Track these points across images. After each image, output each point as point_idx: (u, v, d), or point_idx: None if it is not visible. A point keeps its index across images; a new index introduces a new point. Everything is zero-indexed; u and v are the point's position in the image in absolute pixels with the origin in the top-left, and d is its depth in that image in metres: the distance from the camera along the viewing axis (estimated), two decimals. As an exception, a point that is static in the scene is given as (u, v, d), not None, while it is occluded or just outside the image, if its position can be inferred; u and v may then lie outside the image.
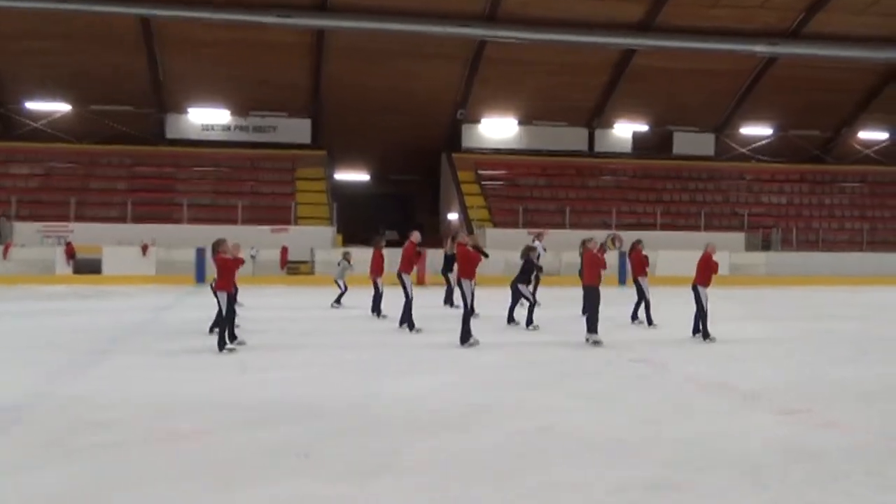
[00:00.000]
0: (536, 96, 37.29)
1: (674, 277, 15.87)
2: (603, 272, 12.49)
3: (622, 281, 26.02)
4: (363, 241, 33.98)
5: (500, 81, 36.26)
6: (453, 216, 37.55)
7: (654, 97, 37.92)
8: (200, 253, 27.93)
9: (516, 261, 15.11)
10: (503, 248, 26.64)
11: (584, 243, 13.21)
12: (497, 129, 39.09)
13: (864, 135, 41.72)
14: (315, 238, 31.14)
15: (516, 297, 14.90)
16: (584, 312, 12.83)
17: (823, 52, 33.83)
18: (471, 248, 12.38)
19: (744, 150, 40.92)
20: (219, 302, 11.36)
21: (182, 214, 31.54)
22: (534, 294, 15.20)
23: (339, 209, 33.27)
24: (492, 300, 17.78)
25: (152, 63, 33.94)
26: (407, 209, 43.66)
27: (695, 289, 12.76)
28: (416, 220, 42.97)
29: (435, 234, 38.77)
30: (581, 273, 13.63)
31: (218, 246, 11.53)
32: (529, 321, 14.24)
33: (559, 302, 18.62)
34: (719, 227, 34.67)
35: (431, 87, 36.10)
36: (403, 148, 38.67)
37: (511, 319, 14.75)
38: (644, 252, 15.22)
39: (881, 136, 41.55)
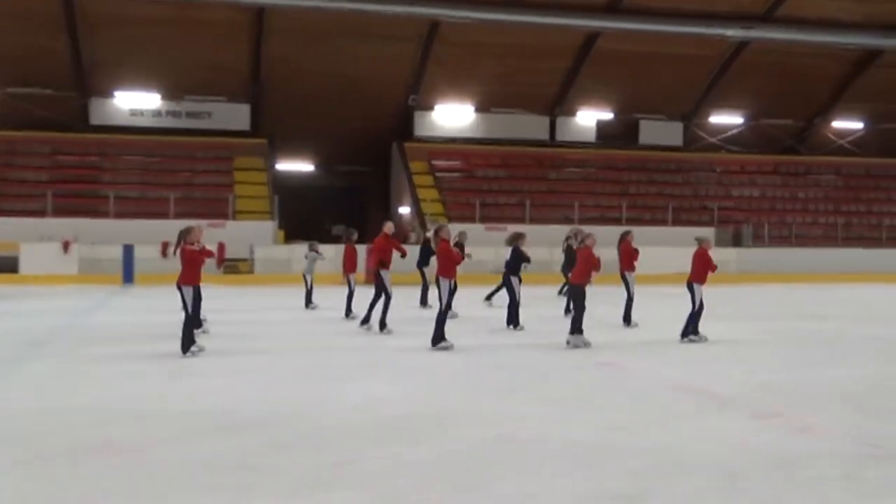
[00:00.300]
0: (494, 81, 37.41)
1: (641, 276, 15.99)
2: (594, 274, 12.47)
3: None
4: (307, 237, 33.86)
5: (455, 65, 36.31)
6: (405, 210, 37.52)
7: (619, 83, 38.31)
8: (128, 250, 27.52)
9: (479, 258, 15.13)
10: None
11: (574, 237, 13.12)
12: (452, 116, 39.14)
13: (839, 124, 42.67)
14: (255, 234, 30.87)
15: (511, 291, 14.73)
16: (567, 312, 12.63)
17: (797, 37, 34.53)
18: (453, 246, 12.40)
19: (714, 140, 41.57)
20: (183, 298, 11.18)
21: (108, 208, 31.02)
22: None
23: (281, 202, 33.04)
24: (474, 300, 17.90)
25: (74, 42, 33.29)
26: (355, 202, 43.50)
27: (690, 286, 12.88)
28: (366, 214, 42.87)
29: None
30: (564, 269, 13.70)
31: (185, 235, 11.33)
32: (513, 321, 14.36)
33: (536, 301, 18.64)
34: (688, 222, 35.16)
35: (381, 70, 36.01)
36: (351, 136, 38.51)
37: (516, 322, 14.60)
38: (634, 245, 15.30)
39: (856, 125, 42.53)
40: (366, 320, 14.24)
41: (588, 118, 40.27)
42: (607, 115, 40.22)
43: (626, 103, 39.73)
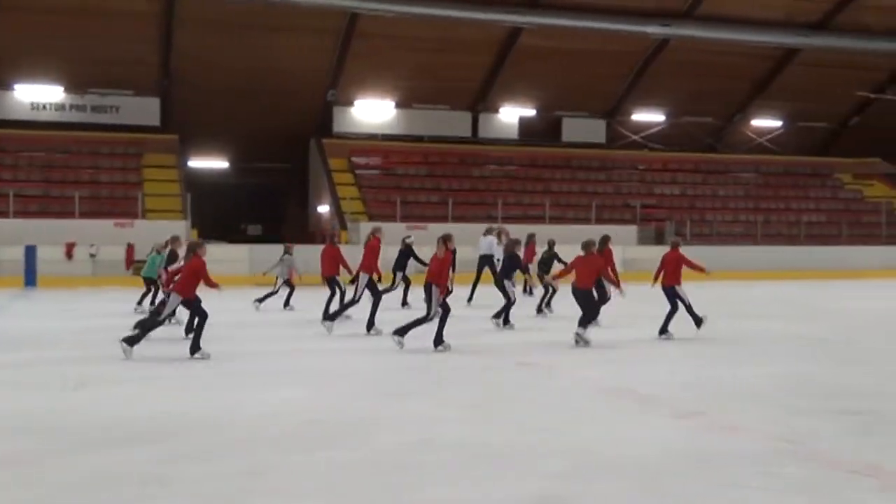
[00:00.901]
0: (415, 77, 37.39)
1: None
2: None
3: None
4: (221, 237, 33.31)
5: (374, 60, 36.16)
6: (324, 209, 37.22)
7: (541, 80, 38.68)
8: (30, 251, 26.68)
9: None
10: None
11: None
12: (372, 112, 38.97)
13: (758, 122, 43.90)
14: (165, 234, 29.85)
15: (507, 297, 15.05)
16: (584, 323, 12.63)
17: (717, 35, 35.41)
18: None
19: (636, 138, 42.31)
20: (194, 306, 11.42)
21: (7, 207, 29.93)
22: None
23: (193, 201, 32.38)
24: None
25: (-31, 31, 32.11)
26: (272, 201, 43.02)
27: (671, 290, 13.32)
28: (283, 213, 42.44)
29: (304, 229, 38.39)
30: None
31: (197, 247, 11.72)
32: (506, 320, 14.82)
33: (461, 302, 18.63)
34: (611, 220, 35.68)
35: (298, 64, 35.63)
36: (267, 132, 37.96)
37: (507, 322, 14.91)
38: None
39: (774, 123, 43.81)
40: (371, 325, 13.98)
41: (511, 115, 40.55)
42: (530, 112, 40.57)
43: (548, 100, 40.14)
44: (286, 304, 18.83)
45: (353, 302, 14.33)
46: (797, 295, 24.86)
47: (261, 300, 18.62)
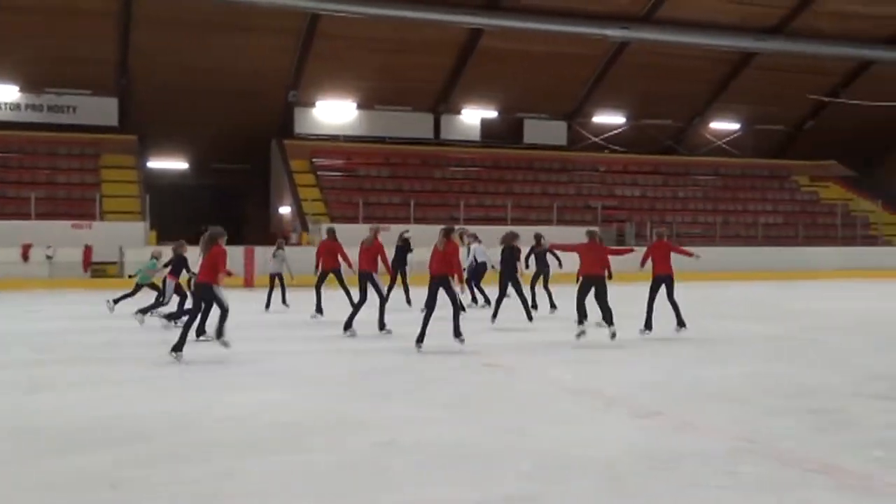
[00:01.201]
0: (377, 77, 37.38)
1: (527, 276, 16.37)
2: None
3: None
4: (177, 238, 32.94)
5: (336, 60, 36.09)
6: (285, 210, 37.06)
7: (503, 81, 38.87)
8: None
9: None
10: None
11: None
12: (334, 113, 38.89)
13: (716, 125, 44.49)
14: (124, 235, 29.85)
15: (520, 292, 15.66)
16: (609, 319, 13.10)
17: (676, 39, 35.86)
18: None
19: (597, 140, 42.67)
20: (214, 295, 11.43)
21: (-39, 208, 29.54)
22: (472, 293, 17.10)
23: (152, 202, 32.08)
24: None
25: (-79, 28, 31.53)
26: (233, 202, 42.68)
27: (668, 279, 13.83)
28: (244, 215, 42.13)
29: (265, 231, 38.17)
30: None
31: (218, 237, 11.67)
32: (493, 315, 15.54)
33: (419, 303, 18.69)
34: (572, 222, 35.93)
35: (259, 65, 35.46)
36: (228, 133, 37.73)
37: (530, 317, 15.63)
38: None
39: (732, 126, 44.43)
40: (382, 326, 14.02)
41: (473, 116, 40.71)
42: (491, 114, 40.76)
43: (510, 102, 40.36)
44: (283, 300, 18.83)
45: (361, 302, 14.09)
46: (755, 295, 25.24)
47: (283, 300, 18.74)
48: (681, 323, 14.08)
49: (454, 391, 9.26)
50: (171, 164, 40.44)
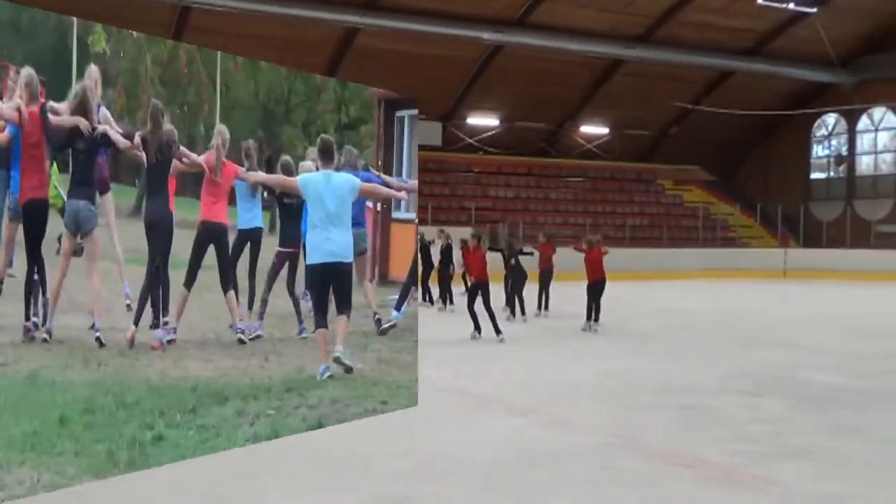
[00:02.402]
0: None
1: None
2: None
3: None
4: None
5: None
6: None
7: (378, 81, 38.51)
8: None
9: None
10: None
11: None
12: (205, 109, 37.88)
13: (587, 129, 45.58)
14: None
15: (521, 302, 17.17)
16: (594, 314, 15.20)
17: (548, 44, 36.57)
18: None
19: (471, 141, 43.07)
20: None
21: None
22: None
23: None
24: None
25: None
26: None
27: (602, 283, 15.56)
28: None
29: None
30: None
31: None
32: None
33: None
34: (446, 222, 36.06)
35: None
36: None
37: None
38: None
39: (602, 130, 45.63)
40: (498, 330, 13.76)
41: (348, 116, 40.40)
42: (367, 114, 40.52)
43: (386, 102, 40.16)
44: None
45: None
46: (624, 295, 25.92)
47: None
48: (596, 319, 15.41)
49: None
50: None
